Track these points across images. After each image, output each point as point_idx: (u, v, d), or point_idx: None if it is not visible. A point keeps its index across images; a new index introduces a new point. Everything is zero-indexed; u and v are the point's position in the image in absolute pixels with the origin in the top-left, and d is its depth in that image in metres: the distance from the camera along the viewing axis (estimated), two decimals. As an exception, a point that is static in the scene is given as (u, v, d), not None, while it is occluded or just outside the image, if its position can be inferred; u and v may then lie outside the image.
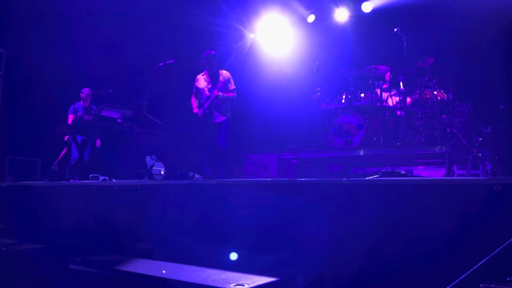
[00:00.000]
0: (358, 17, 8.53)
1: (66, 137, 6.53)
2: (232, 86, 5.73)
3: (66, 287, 2.34)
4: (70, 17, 8.41)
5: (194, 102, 5.81)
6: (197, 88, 5.82)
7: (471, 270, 1.57)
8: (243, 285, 1.75)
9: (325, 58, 7.18)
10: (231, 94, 5.70)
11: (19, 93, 8.80)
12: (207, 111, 5.58)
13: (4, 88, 8.87)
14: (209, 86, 5.67)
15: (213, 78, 5.71)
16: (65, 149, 6.58)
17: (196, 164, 6.15)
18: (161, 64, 5.59)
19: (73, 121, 6.45)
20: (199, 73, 5.92)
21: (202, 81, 5.80)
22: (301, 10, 9.13)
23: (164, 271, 2.08)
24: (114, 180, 4.20)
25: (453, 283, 1.49)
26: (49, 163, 6.95)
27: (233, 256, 2.00)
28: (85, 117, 6.43)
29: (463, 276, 1.54)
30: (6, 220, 4.10)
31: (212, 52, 5.76)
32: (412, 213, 2.11)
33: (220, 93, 5.56)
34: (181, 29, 8.88)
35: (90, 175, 4.40)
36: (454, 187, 2.04)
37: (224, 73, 5.76)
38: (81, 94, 7.01)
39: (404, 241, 2.10)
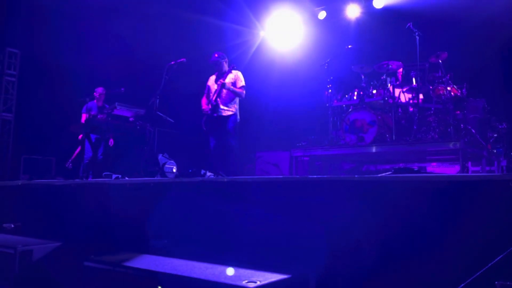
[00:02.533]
0: (370, 13, 8.47)
1: (80, 136, 6.59)
2: (241, 83, 5.73)
3: (81, 284, 2.36)
4: (83, 16, 8.49)
5: (204, 101, 5.86)
6: (208, 87, 5.87)
7: (486, 267, 1.55)
8: (255, 282, 1.75)
9: (337, 55, 7.12)
10: (239, 90, 5.70)
11: (33, 92, 8.93)
12: (214, 103, 5.60)
13: (19, 87, 9.01)
14: (218, 82, 5.69)
15: (223, 79, 5.72)
16: (79, 148, 6.64)
17: (207, 162, 6.17)
18: (172, 62, 5.61)
19: (86, 120, 6.51)
20: (210, 72, 5.96)
21: (212, 80, 5.85)
22: (312, 6, 9.09)
23: (177, 268, 2.09)
24: (127, 178, 4.23)
25: (468, 280, 1.47)
26: (63, 161, 7.03)
27: (230, 271, 2.00)
28: (98, 116, 6.48)
29: (478, 273, 1.52)
30: (22, 218, 4.16)
31: (216, 55, 5.77)
32: (426, 211, 2.09)
33: (226, 81, 5.57)
34: (192, 27, 8.91)
35: (103, 173, 4.44)
36: (468, 183, 2.02)
37: (236, 73, 5.78)
38: (94, 93, 7.06)
39: (417, 239, 2.08)
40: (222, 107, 5.64)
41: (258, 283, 1.75)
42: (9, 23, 8.30)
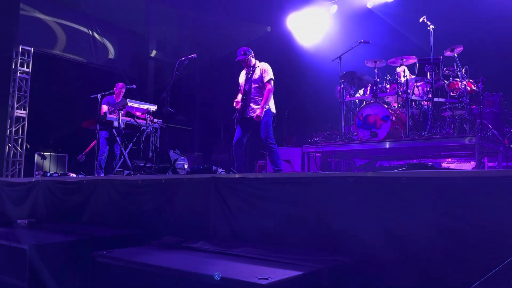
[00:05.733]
0: (383, 6, 8.37)
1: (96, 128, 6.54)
2: (267, 77, 5.29)
3: (93, 280, 2.37)
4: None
5: (238, 98, 5.50)
6: (239, 83, 5.57)
7: (501, 266, 1.50)
8: (267, 278, 1.73)
9: (349, 49, 7.03)
10: (266, 93, 5.24)
11: (46, 89, 9.01)
12: (241, 111, 5.27)
13: (32, 85, 9.10)
14: (245, 84, 5.34)
15: (251, 74, 5.38)
16: (94, 142, 6.63)
17: (219, 158, 6.17)
18: (183, 58, 5.58)
19: (98, 117, 6.52)
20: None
21: (242, 75, 5.52)
22: (324, 0, 9.01)
23: (188, 264, 2.08)
24: (138, 175, 4.25)
25: (483, 279, 1.42)
26: (76, 158, 7.09)
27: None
28: (113, 112, 6.49)
29: (493, 271, 1.48)
30: (35, 214, 4.20)
31: (243, 53, 5.38)
32: (440, 207, 2.05)
33: (259, 114, 5.15)
34: (202, 24, 8.90)
35: (115, 170, 4.46)
36: (484, 179, 1.97)
37: (261, 66, 5.40)
38: (114, 89, 7.03)
39: (432, 236, 2.04)
40: (252, 106, 5.28)
41: (270, 279, 1.72)
42: (21, 21, 8.37)
